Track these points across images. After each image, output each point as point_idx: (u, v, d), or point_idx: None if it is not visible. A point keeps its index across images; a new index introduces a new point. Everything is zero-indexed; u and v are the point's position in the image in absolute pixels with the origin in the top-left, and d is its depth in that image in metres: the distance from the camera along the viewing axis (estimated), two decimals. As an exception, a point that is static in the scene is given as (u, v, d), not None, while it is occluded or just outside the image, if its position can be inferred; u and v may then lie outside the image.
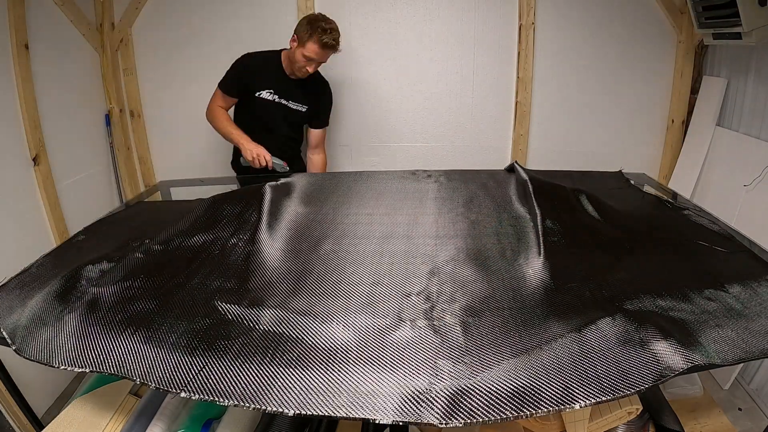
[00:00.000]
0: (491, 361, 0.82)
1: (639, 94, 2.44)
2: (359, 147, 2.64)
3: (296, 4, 2.38)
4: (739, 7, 1.70)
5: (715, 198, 2.10)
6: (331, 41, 1.85)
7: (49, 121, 2.05)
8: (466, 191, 1.55)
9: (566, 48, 2.40)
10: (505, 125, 2.53)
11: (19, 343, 0.94)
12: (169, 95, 2.60)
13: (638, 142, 2.52)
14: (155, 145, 2.73)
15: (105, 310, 1.01)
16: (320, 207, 1.50)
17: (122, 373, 0.85)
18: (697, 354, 0.80)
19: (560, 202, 1.39)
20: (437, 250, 1.23)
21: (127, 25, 2.47)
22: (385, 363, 0.83)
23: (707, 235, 1.30)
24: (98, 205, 2.38)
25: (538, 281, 1.07)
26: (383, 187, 1.63)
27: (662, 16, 2.30)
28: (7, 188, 1.83)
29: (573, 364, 0.79)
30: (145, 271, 1.18)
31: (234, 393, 0.78)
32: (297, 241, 1.30)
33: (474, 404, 0.74)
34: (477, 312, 0.97)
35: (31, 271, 1.21)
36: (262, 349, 0.87)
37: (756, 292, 1.00)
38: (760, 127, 1.93)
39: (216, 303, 1.02)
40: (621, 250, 1.21)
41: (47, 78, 2.05)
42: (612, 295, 1.00)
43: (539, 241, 1.18)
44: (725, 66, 2.19)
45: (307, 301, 1.03)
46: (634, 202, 1.62)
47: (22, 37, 1.89)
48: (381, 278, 1.11)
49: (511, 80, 2.46)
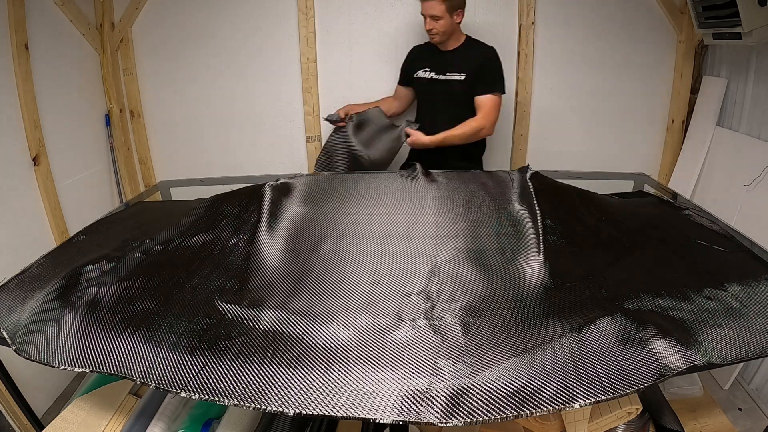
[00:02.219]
0: (491, 360, 0.82)
1: (639, 94, 2.43)
2: (359, 147, 2.63)
3: (296, 4, 2.38)
4: (739, 7, 1.70)
5: (715, 198, 2.10)
6: None
7: (49, 121, 2.05)
8: (465, 191, 1.55)
9: (566, 48, 2.39)
10: (505, 125, 2.53)
11: (19, 343, 0.95)
12: (169, 95, 2.60)
13: (638, 142, 2.52)
14: (155, 145, 2.73)
15: (105, 310, 1.01)
16: (320, 207, 1.50)
17: (122, 373, 0.85)
18: (697, 353, 0.80)
19: (560, 202, 1.39)
20: (437, 249, 1.23)
21: (127, 25, 2.47)
22: (385, 363, 0.83)
23: (707, 235, 1.30)
24: (98, 205, 2.38)
25: (538, 281, 1.07)
26: (383, 187, 1.63)
27: (662, 16, 2.30)
28: (7, 188, 1.83)
29: (573, 364, 0.80)
30: (145, 271, 1.18)
31: (234, 393, 0.78)
32: (297, 241, 1.30)
33: (474, 403, 0.74)
34: (477, 311, 0.97)
35: (31, 271, 1.22)
36: (262, 348, 0.87)
37: (755, 292, 1.00)
38: (760, 127, 1.93)
39: (216, 303, 1.03)
40: (621, 250, 1.21)
41: (47, 78, 2.05)
42: (612, 295, 1.00)
43: (539, 240, 1.18)
44: (725, 66, 2.19)
45: (307, 301, 1.03)
46: (634, 201, 1.63)
47: (22, 37, 1.89)
48: (381, 278, 1.11)
49: (511, 80, 2.45)
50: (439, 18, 1.89)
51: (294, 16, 2.39)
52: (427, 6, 1.89)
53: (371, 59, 2.47)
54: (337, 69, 2.48)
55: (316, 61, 2.46)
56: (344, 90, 2.50)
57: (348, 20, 2.41)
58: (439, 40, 1.99)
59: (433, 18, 1.90)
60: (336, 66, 2.47)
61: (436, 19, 1.90)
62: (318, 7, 2.38)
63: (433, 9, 1.88)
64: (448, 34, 1.97)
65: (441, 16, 1.89)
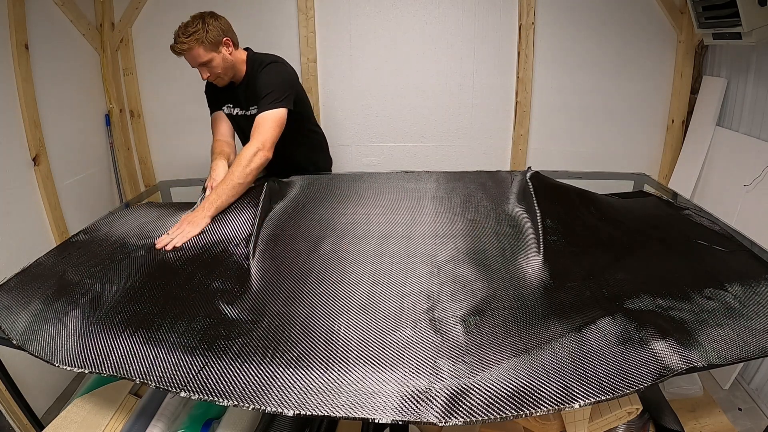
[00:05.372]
0: (491, 360, 0.82)
1: (639, 94, 2.44)
2: (359, 147, 2.64)
3: (296, 4, 2.38)
4: (739, 7, 1.70)
5: (715, 198, 2.10)
6: (174, 45, 1.59)
7: (49, 121, 2.05)
8: (464, 191, 1.55)
9: (566, 48, 2.40)
10: (505, 125, 2.53)
11: (19, 343, 0.95)
12: (169, 95, 2.60)
13: (638, 142, 2.52)
14: (155, 145, 2.73)
15: (105, 310, 1.02)
16: (320, 207, 1.50)
17: (122, 373, 0.85)
18: (697, 353, 0.80)
19: (560, 202, 1.39)
20: (437, 249, 1.23)
21: (127, 25, 2.47)
22: (385, 362, 0.83)
23: (707, 235, 1.30)
24: (98, 205, 2.38)
25: (537, 280, 1.07)
26: (382, 187, 1.63)
27: (662, 16, 2.30)
28: (7, 188, 1.83)
29: (572, 364, 0.80)
30: (145, 271, 1.18)
31: (234, 393, 0.78)
32: (296, 241, 1.30)
33: (474, 403, 0.74)
34: (477, 311, 0.97)
35: (31, 271, 1.22)
36: (262, 349, 0.87)
37: (755, 292, 1.00)
38: (760, 127, 1.93)
39: (216, 303, 1.03)
40: (621, 250, 1.21)
41: (47, 78, 2.05)
42: (612, 295, 1.00)
43: (539, 240, 1.18)
44: (725, 66, 2.19)
45: (306, 301, 1.03)
46: (634, 201, 1.62)
47: (22, 37, 1.89)
48: (380, 278, 1.11)
49: (511, 80, 2.46)
50: (209, 62, 1.59)
51: (294, 16, 2.40)
52: (189, 58, 1.59)
53: (371, 59, 2.47)
54: (337, 69, 2.48)
55: (316, 61, 2.47)
56: (344, 90, 2.50)
57: (348, 20, 2.41)
58: (227, 81, 1.70)
59: (204, 65, 1.60)
60: (336, 66, 2.47)
61: (207, 64, 1.60)
62: (318, 7, 2.39)
63: (198, 57, 1.57)
64: (229, 71, 1.67)
65: (210, 59, 1.59)
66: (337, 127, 2.56)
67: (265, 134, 1.55)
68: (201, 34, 1.55)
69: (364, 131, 2.61)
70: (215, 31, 1.59)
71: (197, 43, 1.55)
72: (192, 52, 1.57)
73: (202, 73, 1.64)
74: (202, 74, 1.64)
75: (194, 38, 1.55)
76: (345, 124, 2.59)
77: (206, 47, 1.57)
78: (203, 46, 1.57)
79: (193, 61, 1.60)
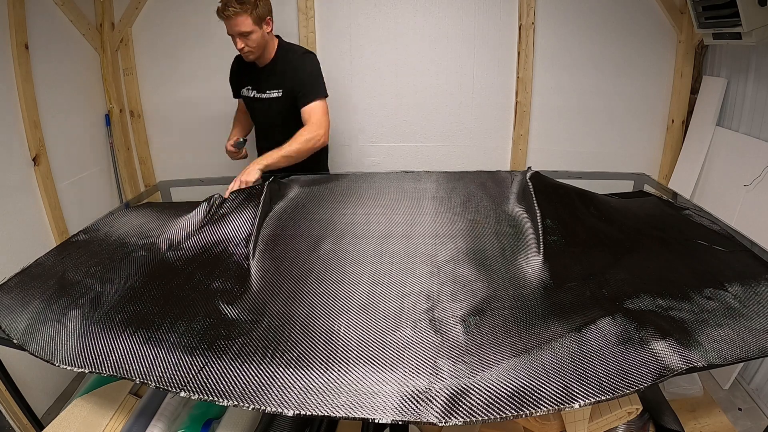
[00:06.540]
0: (491, 360, 0.82)
1: (639, 94, 2.43)
2: (359, 147, 2.64)
3: (296, 4, 2.38)
4: (739, 7, 1.70)
5: (715, 198, 2.10)
6: (221, 6, 1.66)
7: (49, 121, 2.05)
8: (464, 190, 1.55)
9: (566, 48, 2.39)
10: (505, 125, 2.53)
11: (19, 343, 0.95)
12: (169, 95, 2.60)
13: (638, 142, 2.52)
14: (155, 145, 2.73)
15: (105, 310, 1.02)
16: (320, 207, 1.50)
17: (122, 373, 0.85)
18: (697, 353, 0.80)
19: (560, 202, 1.39)
20: (437, 249, 1.23)
21: (127, 25, 2.47)
22: (385, 362, 0.83)
23: (707, 235, 1.30)
24: (98, 205, 2.38)
25: (537, 280, 1.07)
26: (382, 187, 1.63)
27: (662, 16, 2.30)
28: (7, 188, 1.83)
29: (573, 364, 0.80)
30: (145, 271, 1.18)
31: (234, 393, 0.78)
32: (297, 241, 1.30)
33: (474, 403, 0.74)
34: (477, 311, 0.97)
35: (31, 271, 1.22)
36: (262, 349, 0.87)
37: (755, 292, 1.00)
38: (760, 127, 1.93)
39: (216, 303, 1.03)
40: (621, 250, 1.21)
41: (47, 78, 2.05)
42: (612, 295, 1.00)
43: (539, 240, 1.18)
44: (725, 66, 2.19)
45: (306, 301, 1.03)
46: (634, 201, 1.62)
47: (22, 37, 1.89)
48: (380, 278, 1.11)
49: (511, 80, 2.45)
50: (249, 33, 1.68)
51: (294, 16, 2.40)
52: (233, 24, 1.66)
53: (371, 59, 2.47)
54: (337, 69, 2.48)
55: (316, 61, 2.46)
56: (344, 90, 2.50)
57: (348, 20, 2.41)
58: (254, 58, 1.79)
59: (243, 35, 1.69)
60: (336, 66, 2.47)
61: (246, 35, 1.69)
62: (318, 7, 2.39)
63: (242, 25, 1.66)
64: (261, 49, 1.77)
65: (251, 31, 1.68)
66: (337, 127, 2.56)
67: (321, 121, 1.76)
68: (252, 5, 1.66)
69: (364, 131, 2.61)
70: (265, 7, 1.71)
71: (247, 12, 1.65)
72: (238, 18, 1.65)
73: (237, 42, 1.71)
74: (237, 43, 1.72)
75: (246, 7, 1.64)
76: (345, 124, 2.59)
77: (253, 19, 1.67)
78: (251, 17, 1.66)
79: (236, 28, 1.68)
